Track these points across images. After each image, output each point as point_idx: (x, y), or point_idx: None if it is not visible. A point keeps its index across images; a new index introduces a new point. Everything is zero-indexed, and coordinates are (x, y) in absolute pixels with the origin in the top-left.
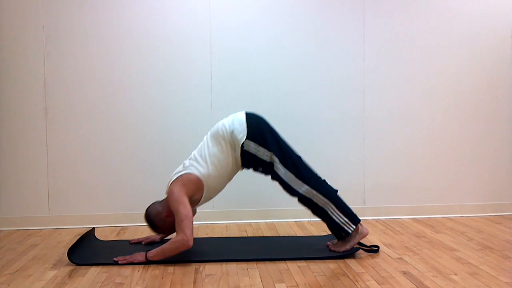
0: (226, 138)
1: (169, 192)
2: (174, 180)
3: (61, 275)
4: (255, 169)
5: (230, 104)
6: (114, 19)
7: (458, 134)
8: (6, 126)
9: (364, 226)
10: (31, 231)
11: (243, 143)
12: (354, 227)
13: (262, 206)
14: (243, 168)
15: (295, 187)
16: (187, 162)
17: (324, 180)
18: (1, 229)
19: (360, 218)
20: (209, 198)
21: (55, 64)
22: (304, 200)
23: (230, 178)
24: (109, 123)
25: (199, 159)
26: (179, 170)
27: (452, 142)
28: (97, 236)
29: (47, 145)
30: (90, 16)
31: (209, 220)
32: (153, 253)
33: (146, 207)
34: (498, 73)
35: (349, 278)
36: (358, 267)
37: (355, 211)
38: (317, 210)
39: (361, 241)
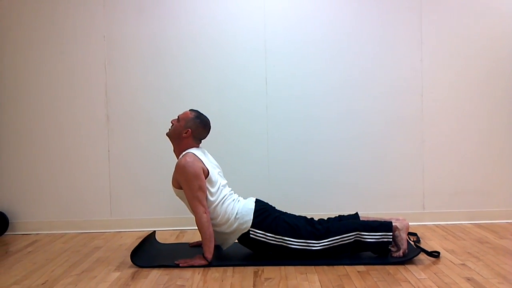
0: (232, 218)
1: (183, 162)
2: (192, 153)
3: (125, 276)
4: (265, 253)
5: (284, 107)
6: (171, 28)
7: None
8: (70, 132)
9: (397, 219)
10: (94, 234)
11: (249, 231)
12: (390, 233)
13: (318, 210)
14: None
15: (320, 247)
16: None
17: (339, 217)
18: (66, 231)
19: (419, 223)
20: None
21: (115, 72)
22: (337, 250)
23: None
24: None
25: (219, 190)
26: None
27: None
28: (157, 239)
29: (109, 151)
30: (148, 25)
31: None
32: (206, 251)
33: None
34: None
35: (411, 284)
36: (420, 273)
37: (413, 216)
38: (353, 247)
39: (421, 246)
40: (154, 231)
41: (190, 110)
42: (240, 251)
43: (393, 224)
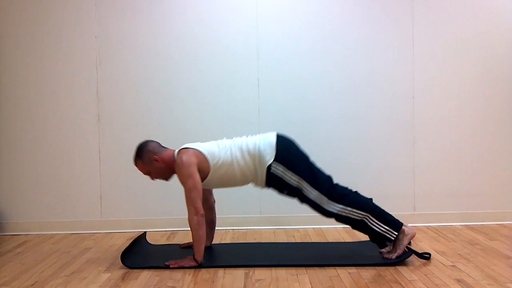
0: (251, 155)
1: (179, 162)
2: (186, 149)
3: (115, 278)
4: (280, 191)
5: (277, 109)
6: (163, 28)
7: None
8: (61, 133)
9: (409, 226)
10: (85, 234)
11: (270, 165)
12: (396, 233)
13: (310, 211)
14: (265, 187)
15: (329, 208)
16: (210, 144)
17: (356, 192)
18: (56, 232)
19: (410, 225)
20: (209, 185)
21: (107, 72)
22: (341, 219)
23: (234, 185)
24: (159, 129)
25: (222, 150)
26: (197, 145)
27: (506, 146)
28: (148, 240)
29: (99, 151)
30: (141, 25)
31: (256, 226)
32: (196, 253)
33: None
34: None
35: (402, 285)
36: (411, 274)
37: (404, 218)
38: (356, 224)
39: (412, 247)
40: (145, 232)
41: (134, 160)
42: (231, 252)
43: (403, 227)
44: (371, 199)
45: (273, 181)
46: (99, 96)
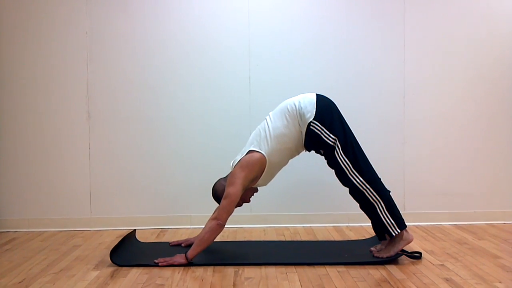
0: (293, 115)
1: (231, 173)
2: (237, 162)
3: (104, 275)
4: (317, 151)
5: (268, 107)
6: (155, 25)
7: (502, 139)
8: (50, 129)
9: (409, 232)
10: (74, 232)
11: (310, 122)
12: (399, 231)
13: (300, 210)
14: (305, 149)
15: (350, 177)
16: (250, 138)
17: (380, 178)
18: (45, 229)
19: None
20: (271, 174)
21: (98, 69)
22: (356, 192)
23: (292, 155)
24: (150, 127)
25: (262, 133)
26: (243, 151)
27: (495, 147)
28: (137, 238)
29: (89, 148)
30: (132, 22)
31: (247, 224)
32: (191, 250)
33: (213, 185)
34: None
35: (391, 284)
36: (400, 273)
37: None
38: (366, 205)
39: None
40: (134, 229)
41: (212, 193)
42: (221, 250)
43: (404, 230)
44: (389, 191)
45: (311, 139)
46: (89, 93)
